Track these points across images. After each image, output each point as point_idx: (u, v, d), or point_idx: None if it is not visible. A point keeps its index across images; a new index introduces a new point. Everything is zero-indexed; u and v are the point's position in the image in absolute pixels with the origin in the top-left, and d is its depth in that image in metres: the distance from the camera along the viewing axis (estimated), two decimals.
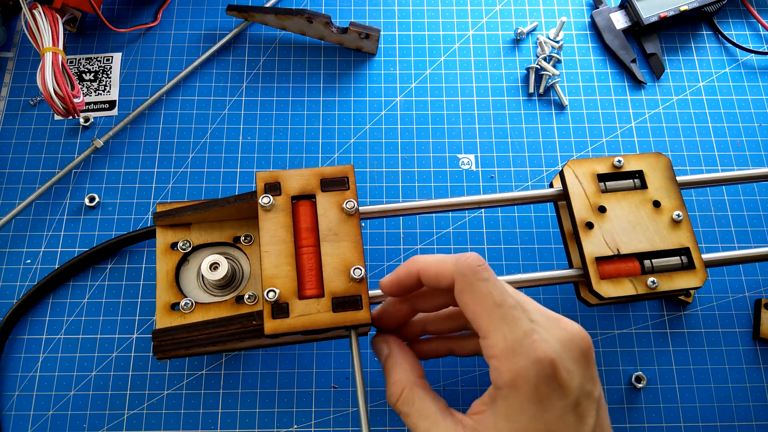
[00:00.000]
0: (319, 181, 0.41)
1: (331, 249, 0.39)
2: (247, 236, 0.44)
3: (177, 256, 0.43)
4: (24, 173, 0.54)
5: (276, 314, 0.37)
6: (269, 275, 0.38)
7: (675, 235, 0.41)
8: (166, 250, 0.43)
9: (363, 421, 0.35)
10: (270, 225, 0.40)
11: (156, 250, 0.43)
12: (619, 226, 0.42)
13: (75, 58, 0.58)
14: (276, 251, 0.39)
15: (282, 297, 0.38)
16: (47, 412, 0.47)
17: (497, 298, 0.31)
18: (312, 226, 0.40)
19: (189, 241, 0.43)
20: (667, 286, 0.40)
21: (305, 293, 0.38)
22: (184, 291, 0.43)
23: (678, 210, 0.42)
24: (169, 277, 0.42)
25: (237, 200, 0.42)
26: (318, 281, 0.38)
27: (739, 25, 0.61)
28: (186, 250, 0.43)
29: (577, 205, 0.42)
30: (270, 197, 0.40)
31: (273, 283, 0.38)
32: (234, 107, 0.57)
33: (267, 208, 0.40)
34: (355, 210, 0.40)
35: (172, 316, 0.41)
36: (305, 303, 0.38)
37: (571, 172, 0.43)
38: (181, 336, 0.40)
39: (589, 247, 0.41)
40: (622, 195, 0.43)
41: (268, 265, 0.38)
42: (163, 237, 0.44)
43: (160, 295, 0.42)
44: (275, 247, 0.39)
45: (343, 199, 0.40)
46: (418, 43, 0.60)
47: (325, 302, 0.38)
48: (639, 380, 0.48)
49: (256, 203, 0.41)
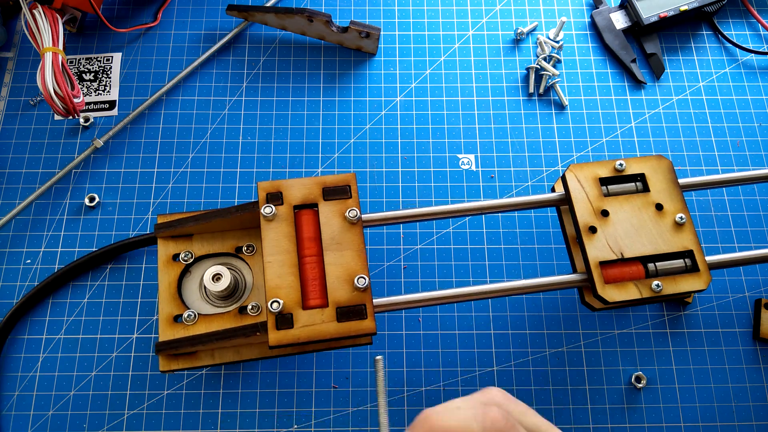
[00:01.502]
0: (321, 190, 0.41)
1: (334, 258, 0.39)
2: (250, 246, 0.44)
3: (179, 268, 0.43)
4: (24, 173, 0.54)
5: (280, 325, 0.37)
6: (273, 286, 0.38)
7: (678, 238, 0.41)
8: (168, 261, 0.43)
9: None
10: (272, 235, 0.39)
11: (158, 262, 0.43)
12: (622, 229, 0.41)
13: (75, 58, 0.58)
14: (279, 261, 0.39)
15: (286, 308, 0.37)
16: (47, 412, 0.47)
17: None
18: (315, 236, 0.40)
19: (191, 252, 0.43)
20: (671, 290, 0.40)
21: (309, 303, 0.38)
22: (187, 302, 0.43)
23: (681, 213, 0.42)
24: (172, 289, 0.42)
25: (239, 211, 0.42)
26: (322, 291, 0.38)
27: (739, 25, 0.61)
28: (188, 262, 0.43)
29: (579, 210, 0.42)
30: (272, 207, 0.40)
31: (276, 294, 0.38)
32: (234, 107, 0.57)
33: (269, 218, 0.40)
34: (358, 219, 0.40)
35: (175, 329, 0.41)
36: (309, 313, 0.37)
37: (573, 177, 0.43)
38: (185, 349, 0.40)
39: (593, 251, 0.41)
40: (624, 198, 0.42)
41: (272, 275, 0.38)
42: (165, 248, 0.44)
43: (163, 307, 0.42)
44: (278, 257, 0.39)
45: (345, 208, 0.40)
46: (418, 43, 0.59)
47: (329, 312, 0.37)
48: (639, 380, 0.48)
49: (258, 213, 0.41)
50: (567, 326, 0.50)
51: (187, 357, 0.41)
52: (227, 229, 0.44)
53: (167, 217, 0.45)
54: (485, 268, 0.51)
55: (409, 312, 0.50)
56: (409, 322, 0.50)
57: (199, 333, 0.40)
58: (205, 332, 0.40)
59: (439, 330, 0.50)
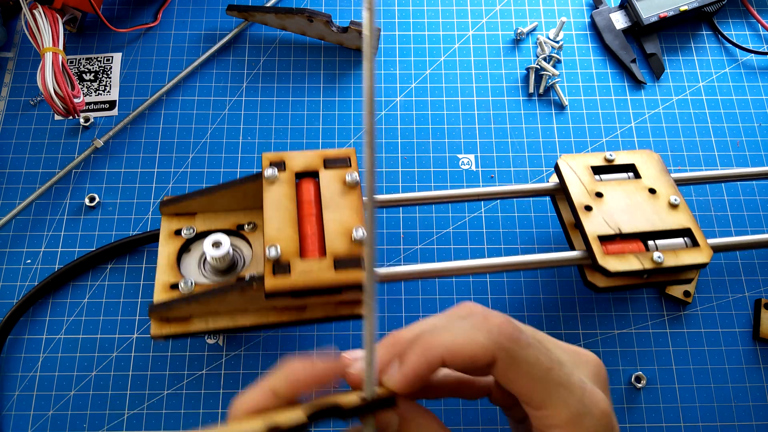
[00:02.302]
0: (322, 160, 0.42)
1: (332, 216, 0.39)
2: (251, 223, 0.44)
3: (180, 242, 0.43)
4: (24, 173, 0.54)
5: (277, 271, 0.37)
6: (271, 236, 0.38)
7: (674, 217, 0.41)
8: (170, 235, 0.43)
9: None
10: (274, 195, 0.40)
11: (159, 236, 0.44)
12: (617, 207, 0.42)
13: (75, 58, 0.58)
14: (279, 217, 0.39)
15: (284, 256, 0.37)
16: (47, 412, 0.47)
17: (546, 363, 0.26)
18: (315, 199, 0.40)
19: (193, 228, 0.44)
20: (673, 262, 0.40)
21: (307, 255, 0.38)
22: (185, 277, 0.43)
23: (674, 195, 0.42)
24: (171, 260, 0.42)
25: (243, 181, 0.42)
26: (320, 244, 0.39)
27: (739, 25, 0.61)
28: (190, 236, 0.43)
29: (574, 192, 0.42)
30: (274, 169, 0.41)
31: (275, 242, 0.38)
32: (234, 107, 0.57)
33: (271, 180, 0.40)
34: (357, 182, 0.40)
35: (171, 294, 0.41)
36: (307, 262, 0.37)
37: (566, 164, 0.44)
38: (179, 310, 0.40)
39: (590, 226, 0.41)
40: (617, 183, 0.43)
41: (271, 229, 0.38)
42: (168, 225, 0.44)
43: (160, 276, 0.42)
44: (278, 214, 0.39)
45: (345, 174, 0.41)
46: (418, 43, 0.60)
47: (327, 262, 0.37)
48: (639, 380, 0.48)
49: (261, 184, 0.41)
50: (567, 326, 0.50)
51: (179, 322, 0.40)
52: (230, 208, 0.44)
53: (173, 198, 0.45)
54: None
55: (409, 312, 0.50)
56: (409, 321, 0.50)
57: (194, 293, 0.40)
58: (199, 291, 0.40)
59: None
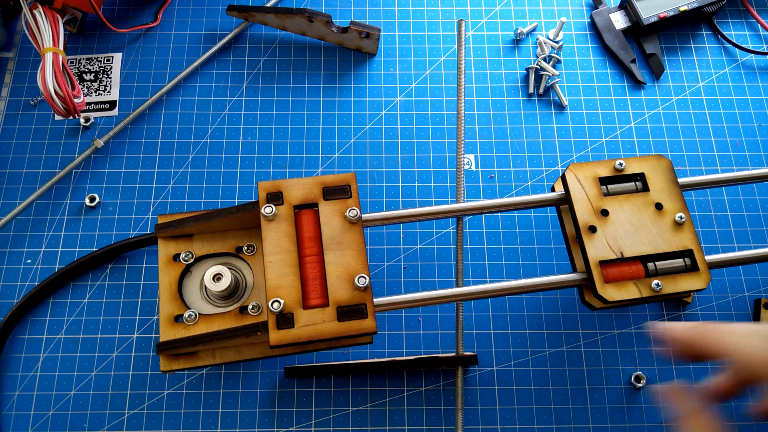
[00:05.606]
0: (321, 189, 0.41)
1: (334, 258, 0.39)
2: (250, 246, 0.44)
3: (180, 268, 0.43)
4: (24, 173, 0.54)
5: (281, 325, 0.37)
6: (273, 285, 0.38)
7: (678, 238, 0.41)
8: (169, 261, 0.43)
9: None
10: (273, 234, 0.40)
11: (158, 262, 0.43)
12: (622, 229, 0.41)
13: (75, 59, 0.58)
14: (279, 261, 0.39)
15: (286, 307, 0.37)
16: (47, 412, 0.47)
17: None
18: (315, 235, 0.40)
19: (191, 252, 0.43)
20: (671, 289, 0.40)
21: (310, 303, 0.38)
22: (188, 302, 0.43)
23: (680, 212, 0.42)
24: (172, 289, 0.42)
25: (239, 210, 0.42)
26: (322, 290, 0.38)
27: (739, 26, 0.61)
28: (188, 262, 0.43)
29: (579, 209, 0.42)
30: (272, 207, 0.40)
31: (277, 294, 0.38)
32: (234, 107, 0.57)
33: (269, 217, 0.40)
34: (358, 218, 0.40)
35: (176, 329, 0.41)
36: (310, 313, 0.37)
37: (573, 176, 0.43)
38: (186, 349, 0.40)
39: (593, 251, 0.41)
40: (624, 198, 0.42)
41: (272, 275, 0.38)
42: (165, 248, 0.44)
43: (164, 307, 0.42)
44: (279, 257, 0.39)
45: (345, 208, 0.40)
46: (418, 43, 0.60)
47: (330, 312, 0.37)
48: (639, 380, 0.48)
49: (259, 213, 0.41)
50: (567, 326, 0.50)
51: (188, 357, 0.41)
52: (227, 228, 0.44)
53: (168, 217, 0.45)
54: (485, 268, 0.51)
55: (409, 312, 0.50)
56: (409, 322, 0.50)
57: (199, 333, 0.40)
58: (205, 332, 0.40)
59: (439, 330, 0.50)
